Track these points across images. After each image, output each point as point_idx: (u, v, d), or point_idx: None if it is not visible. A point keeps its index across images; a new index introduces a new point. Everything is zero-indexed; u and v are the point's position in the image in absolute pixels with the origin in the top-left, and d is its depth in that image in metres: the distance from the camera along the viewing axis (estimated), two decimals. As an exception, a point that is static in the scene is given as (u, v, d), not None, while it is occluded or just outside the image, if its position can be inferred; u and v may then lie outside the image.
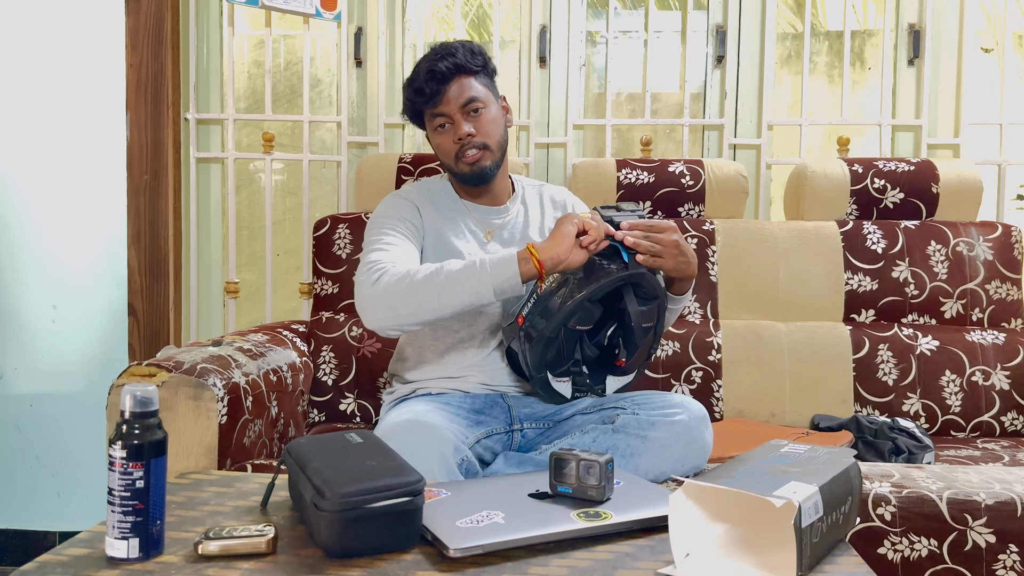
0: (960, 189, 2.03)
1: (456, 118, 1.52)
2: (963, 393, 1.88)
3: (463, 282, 1.33)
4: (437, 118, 1.53)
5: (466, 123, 1.51)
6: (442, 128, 1.54)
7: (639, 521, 1.00)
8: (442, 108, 1.52)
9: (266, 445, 1.61)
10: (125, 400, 0.90)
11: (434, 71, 1.50)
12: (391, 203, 1.59)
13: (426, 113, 1.55)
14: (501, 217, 1.62)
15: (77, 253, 2.30)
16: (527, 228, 1.62)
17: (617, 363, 1.45)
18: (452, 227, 1.58)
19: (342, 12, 2.30)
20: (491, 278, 1.32)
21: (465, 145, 1.52)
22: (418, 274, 1.35)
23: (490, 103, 1.55)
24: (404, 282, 1.35)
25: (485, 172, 1.54)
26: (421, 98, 1.53)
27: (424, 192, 1.62)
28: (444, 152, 1.56)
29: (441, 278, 1.34)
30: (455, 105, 1.51)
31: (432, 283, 1.33)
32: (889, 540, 1.24)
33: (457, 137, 1.51)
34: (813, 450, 1.03)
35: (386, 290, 1.36)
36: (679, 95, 2.41)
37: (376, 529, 0.91)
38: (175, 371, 1.42)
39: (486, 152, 1.53)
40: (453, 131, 1.52)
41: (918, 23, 2.30)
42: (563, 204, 1.68)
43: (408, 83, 1.56)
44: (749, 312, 2.00)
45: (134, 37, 2.26)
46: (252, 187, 2.51)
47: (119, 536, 0.89)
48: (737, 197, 2.08)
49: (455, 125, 1.52)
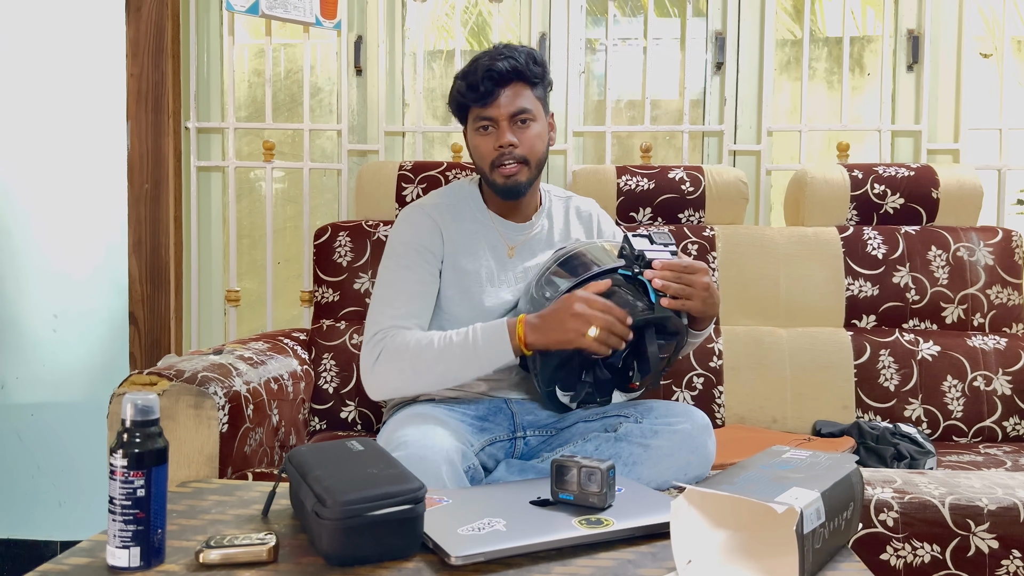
0: (960, 194, 2.03)
1: (502, 125, 1.47)
2: (965, 398, 1.88)
3: (457, 363, 1.35)
4: (482, 120, 1.49)
5: (511, 132, 1.47)
6: (484, 131, 1.49)
7: (641, 528, 0.99)
8: (491, 111, 1.47)
9: (267, 453, 1.61)
10: (126, 409, 0.90)
11: (492, 71, 1.44)
12: (412, 224, 1.55)
13: (472, 111, 1.50)
14: (525, 233, 1.59)
15: (78, 262, 2.31)
16: (550, 246, 1.59)
17: (630, 385, 1.44)
18: (472, 242, 1.55)
19: (342, 21, 2.30)
20: (485, 363, 1.34)
21: (505, 154, 1.47)
22: (415, 353, 1.35)
23: (539, 117, 1.50)
24: (402, 360, 1.36)
25: (519, 187, 1.50)
26: (473, 94, 1.47)
27: (449, 202, 1.58)
28: (481, 156, 1.51)
29: (435, 356, 1.35)
30: (505, 111, 1.46)
31: (427, 361, 1.35)
32: (891, 546, 1.23)
33: (499, 144, 1.47)
34: (815, 456, 1.03)
35: (385, 367, 1.38)
36: (679, 102, 2.41)
37: (377, 537, 0.91)
38: (176, 380, 1.42)
39: (524, 167, 1.49)
40: (496, 136, 1.48)
41: (917, 28, 2.31)
42: (588, 217, 1.66)
43: (462, 75, 1.49)
44: (750, 318, 2.00)
45: (135, 46, 2.26)
46: (253, 195, 2.51)
47: (120, 545, 0.88)
48: (737, 203, 2.09)
49: (499, 131, 1.47)
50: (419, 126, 2.35)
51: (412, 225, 1.54)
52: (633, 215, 2.09)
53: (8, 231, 2.30)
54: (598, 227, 1.66)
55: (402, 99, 2.44)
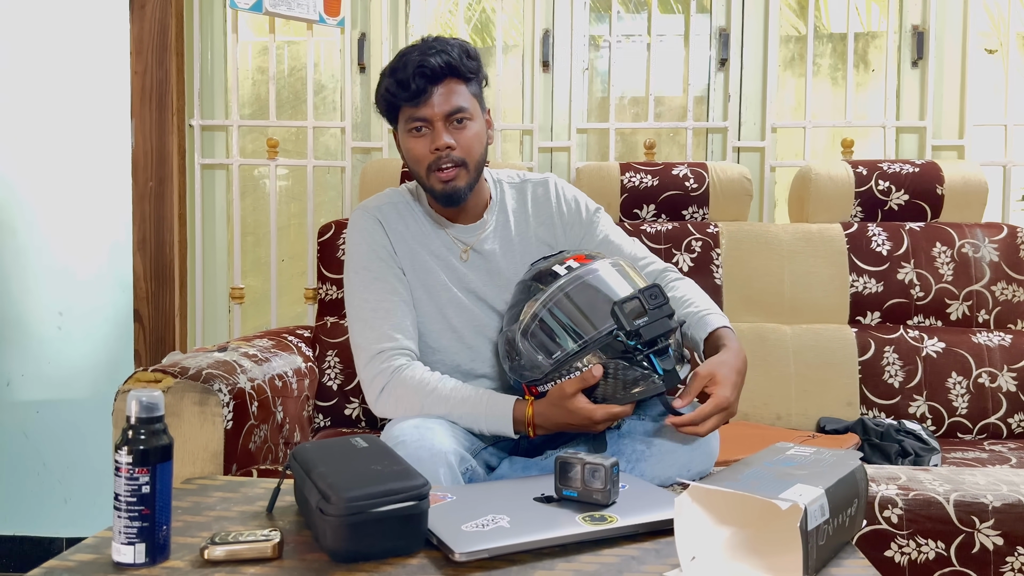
0: (965, 190, 2.02)
1: (437, 125, 1.36)
2: (969, 395, 1.88)
3: (462, 419, 1.33)
4: (415, 121, 1.37)
5: (447, 133, 1.36)
6: (417, 132, 1.38)
7: (645, 524, 0.99)
8: (424, 111, 1.35)
9: (272, 450, 1.61)
10: (131, 406, 0.90)
11: (424, 67, 1.33)
12: (361, 230, 1.46)
13: (403, 110, 1.38)
14: (476, 234, 1.48)
15: (83, 260, 2.31)
16: (507, 241, 1.50)
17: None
18: (425, 246, 1.47)
19: (345, 18, 2.30)
20: (485, 428, 1.33)
21: (442, 157, 1.36)
22: (422, 401, 1.33)
23: (476, 116, 1.40)
24: (409, 400, 1.34)
25: (459, 193, 1.39)
26: (404, 93, 1.35)
27: (395, 206, 1.49)
28: (415, 159, 1.39)
29: (442, 406, 1.33)
30: (440, 111, 1.35)
31: (434, 408, 1.33)
32: (896, 543, 1.23)
33: (435, 146, 1.36)
34: (819, 452, 1.03)
35: (393, 406, 1.36)
36: (682, 98, 2.41)
37: (381, 533, 0.91)
38: (181, 377, 1.43)
39: (462, 171, 1.38)
40: (431, 138, 1.37)
41: (922, 24, 2.30)
42: (546, 198, 1.53)
43: (390, 71, 1.37)
44: (754, 315, 2.00)
45: (138, 44, 2.27)
46: (257, 193, 2.52)
47: (125, 541, 0.89)
48: (741, 200, 2.08)
49: (434, 132, 1.36)
50: (423, 123, 2.34)
51: (362, 231, 1.46)
52: (637, 212, 2.09)
53: (13, 229, 2.31)
54: (561, 201, 1.53)
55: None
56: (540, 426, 1.30)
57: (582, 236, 1.52)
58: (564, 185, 1.56)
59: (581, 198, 1.56)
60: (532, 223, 1.52)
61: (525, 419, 1.30)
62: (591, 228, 1.52)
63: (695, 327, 1.39)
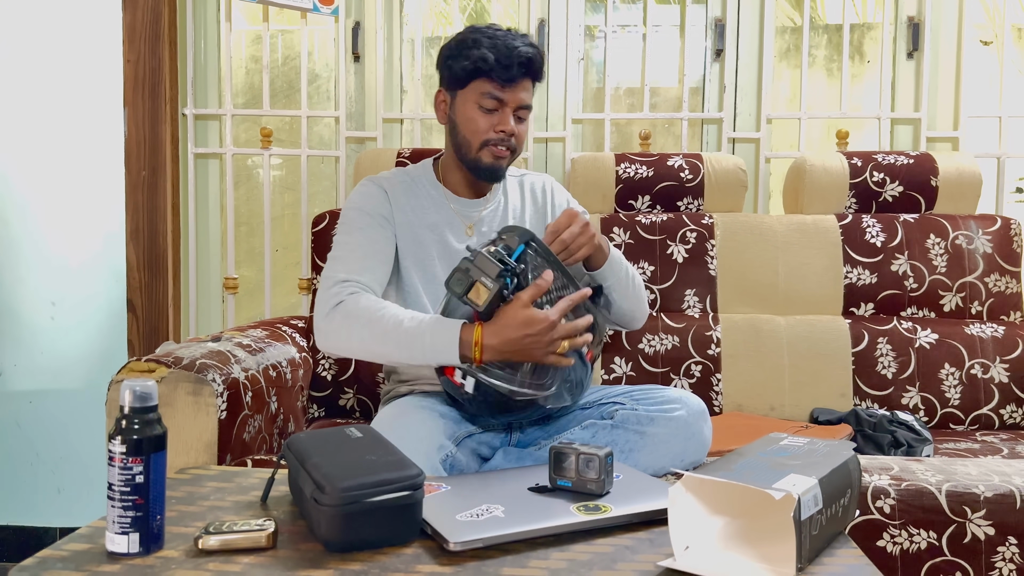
0: (959, 182, 2.03)
1: (507, 111, 1.45)
2: (962, 386, 1.88)
3: (400, 350, 1.31)
4: (493, 99, 1.44)
5: (513, 121, 1.46)
6: (488, 109, 1.45)
7: (639, 514, 1.00)
8: (507, 95, 1.44)
9: (266, 440, 1.61)
10: (124, 395, 0.90)
11: (528, 59, 1.43)
12: (362, 193, 1.54)
13: (483, 83, 1.44)
14: (480, 210, 1.57)
15: (76, 249, 2.30)
16: (505, 223, 1.57)
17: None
18: (429, 218, 1.54)
19: (339, 7, 2.29)
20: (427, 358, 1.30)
21: (504, 139, 1.46)
22: (370, 318, 1.33)
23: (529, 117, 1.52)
24: (355, 325, 1.33)
25: (500, 172, 1.50)
26: (504, 73, 1.42)
27: (402, 179, 1.57)
28: (474, 130, 1.46)
29: (383, 333, 1.31)
30: (516, 101, 1.46)
31: (378, 332, 1.32)
32: (888, 533, 1.24)
33: (501, 128, 1.45)
34: (812, 443, 1.03)
35: (339, 324, 1.35)
36: (678, 89, 2.40)
37: (376, 523, 0.91)
38: (174, 367, 1.42)
39: (511, 156, 1.50)
40: (499, 119, 1.45)
41: (917, 16, 2.30)
42: (541, 193, 1.64)
43: (490, 46, 1.42)
44: (748, 306, 2.00)
45: (131, 32, 2.25)
46: (250, 183, 2.51)
47: (119, 531, 0.89)
48: (736, 191, 2.08)
49: (503, 116, 1.45)
50: (417, 113, 2.34)
51: (363, 195, 1.53)
52: (632, 203, 2.08)
53: (6, 219, 2.30)
54: (551, 201, 1.64)
55: (400, 86, 2.43)
56: (489, 347, 1.25)
57: None
58: (558, 187, 1.68)
59: (571, 201, 1.68)
60: (528, 215, 1.61)
61: (472, 340, 1.26)
62: None
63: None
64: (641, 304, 1.60)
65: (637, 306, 1.59)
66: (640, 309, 1.60)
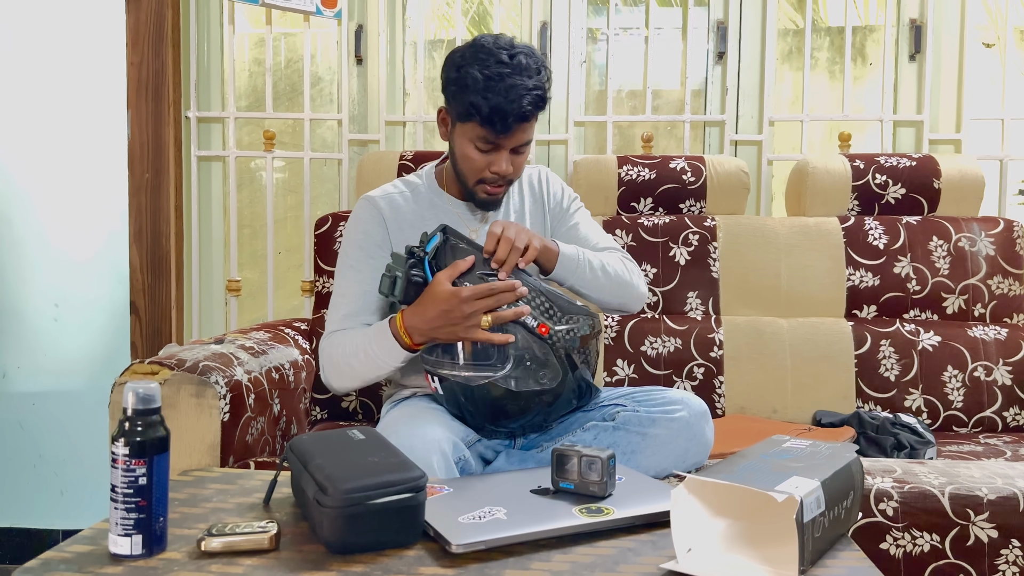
0: (962, 184, 2.03)
1: (504, 153, 1.42)
2: (965, 389, 1.88)
3: (365, 366, 1.39)
4: (488, 144, 1.41)
5: (507, 161, 1.42)
6: (482, 149, 1.42)
7: (641, 516, 1.00)
8: (504, 140, 1.40)
9: (268, 442, 1.61)
10: (127, 397, 0.90)
11: (525, 112, 1.36)
12: (357, 220, 1.53)
13: (478, 127, 1.39)
14: (483, 213, 1.56)
15: (79, 251, 2.31)
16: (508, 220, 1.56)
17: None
18: (431, 226, 1.50)
19: (342, 10, 2.30)
20: (385, 365, 1.38)
21: (498, 180, 1.45)
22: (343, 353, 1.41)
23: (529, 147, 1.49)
24: (333, 365, 1.42)
25: (496, 204, 1.51)
26: (498, 124, 1.36)
27: (401, 189, 1.56)
28: (471, 169, 1.44)
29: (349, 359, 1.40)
30: (513, 143, 1.41)
31: (353, 364, 1.40)
32: (891, 535, 1.24)
33: (494, 169, 1.42)
34: (815, 445, 1.03)
35: (331, 373, 1.43)
36: (680, 92, 2.41)
37: (379, 525, 0.91)
38: (177, 369, 1.42)
39: (507, 187, 1.49)
40: (493, 160, 1.42)
41: (919, 18, 2.30)
42: (538, 184, 1.62)
43: (485, 86, 1.35)
44: (751, 308, 2.00)
45: (135, 35, 2.26)
46: (253, 185, 2.51)
47: (122, 533, 0.89)
48: (738, 193, 2.08)
49: (498, 156, 1.42)
50: (420, 116, 2.34)
51: (358, 221, 1.53)
52: (634, 205, 2.08)
53: (9, 220, 2.30)
54: (547, 191, 1.62)
55: (403, 89, 2.44)
56: (413, 328, 1.32)
57: (559, 221, 1.62)
58: (552, 176, 1.67)
59: (566, 189, 1.67)
60: (528, 204, 1.61)
61: (399, 326, 1.34)
62: (566, 216, 1.63)
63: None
64: (624, 290, 1.51)
65: (618, 293, 1.51)
66: (626, 295, 1.52)
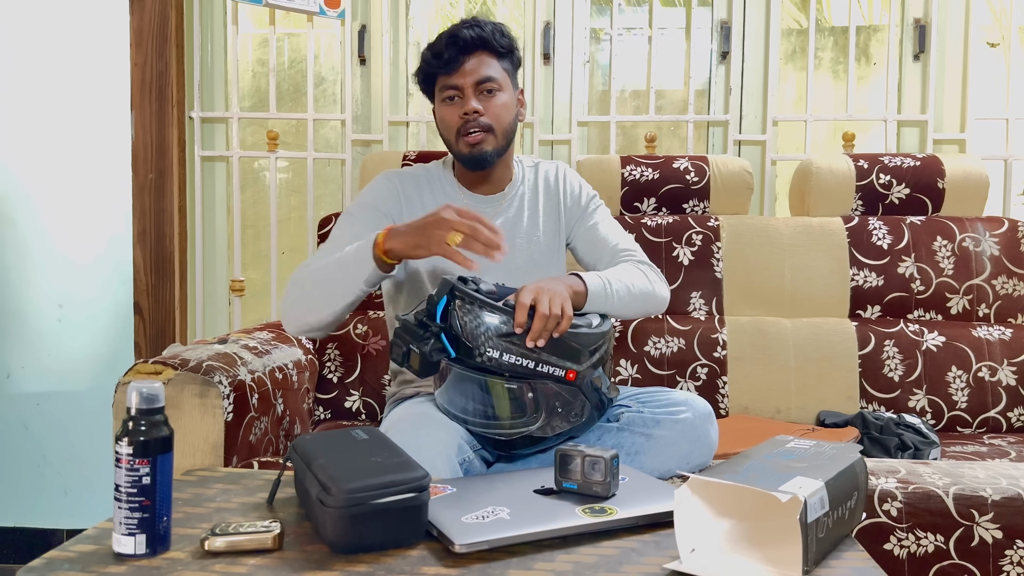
0: (966, 184, 2.02)
1: (467, 92, 1.45)
2: (969, 389, 1.88)
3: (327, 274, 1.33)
4: (448, 89, 1.46)
5: (476, 100, 1.45)
6: (450, 100, 1.47)
7: (644, 517, 1.00)
8: (456, 79, 1.45)
9: (272, 442, 1.61)
10: (131, 397, 0.90)
11: (457, 37, 1.43)
12: (372, 186, 1.54)
13: (438, 81, 1.48)
14: (496, 205, 1.56)
15: (83, 252, 2.31)
16: (520, 219, 1.56)
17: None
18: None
19: (346, 10, 2.30)
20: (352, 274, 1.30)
21: (470, 122, 1.44)
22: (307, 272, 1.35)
23: (506, 87, 1.48)
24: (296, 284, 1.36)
25: (485, 156, 1.47)
26: (438, 62, 1.45)
27: (419, 173, 1.58)
28: (447, 126, 1.48)
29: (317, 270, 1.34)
30: (470, 79, 1.45)
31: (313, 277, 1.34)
32: (895, 536, 1.23)
33: (464, 111, 1.44)
34: (819, 446, 1.03)
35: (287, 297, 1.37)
36: (684, 91, 2.40)
37: (382, 525, 0.91)
38: (181, 369, 1.43)
39: (489, 135, 1.46)
40: (461, 105, 1.45)
41: (923, 18, 2.30)
42: (555, 181, 1.61)
43: (429, 47, 1.48)
44: (754, 309, 2.00)
45: (138, 36, 2.26)
46: (257, 185, 2.51)
47: (126, 532, 0.89)
48: (742, 193, 2.08)
49: (464, 99, 1.45)
50: (423, 116, 2.34)
51: (372, 187, 1.54)
52: (637, 205, 2.08)
53: (13, 221, 2.31)
54: (564, 188, 1.61)
55: (406, 89, 2.44)
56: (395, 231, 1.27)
57: (577, 219, 1.61)
58: (570, 171, 1.65)
59: (584, 187, 1.64)
60: (542, 200, 1.60)
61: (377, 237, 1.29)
62: (585, 214, 1.61)
63: None
64: (648, 302, 1.49)
65: (643, 307, 1.50)
66: (650, 306, 1.50)
